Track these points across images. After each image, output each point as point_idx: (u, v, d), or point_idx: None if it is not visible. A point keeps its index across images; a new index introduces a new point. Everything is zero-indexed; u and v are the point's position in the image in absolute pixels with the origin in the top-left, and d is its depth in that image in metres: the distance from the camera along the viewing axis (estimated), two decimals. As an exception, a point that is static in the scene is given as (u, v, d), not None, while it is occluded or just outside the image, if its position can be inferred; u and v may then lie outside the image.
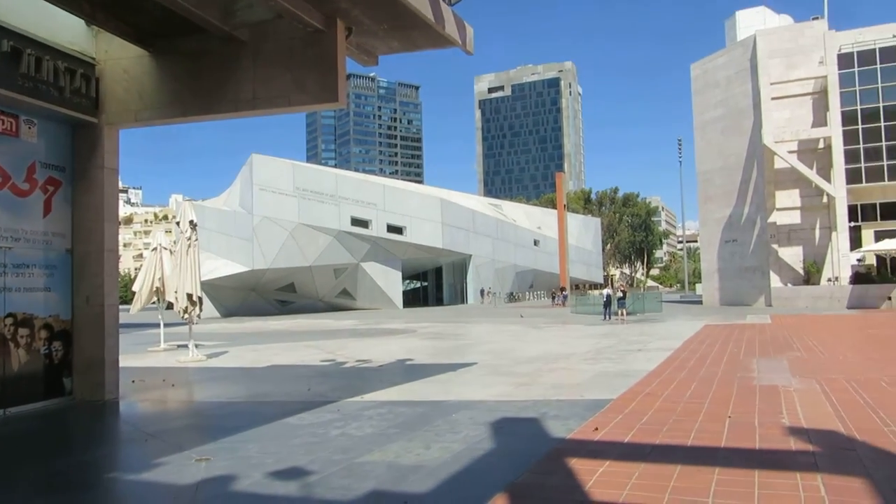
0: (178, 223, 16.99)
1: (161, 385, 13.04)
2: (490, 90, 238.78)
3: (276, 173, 45.47)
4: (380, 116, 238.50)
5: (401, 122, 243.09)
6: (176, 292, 16.67)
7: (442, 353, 17.67)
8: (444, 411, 9.21)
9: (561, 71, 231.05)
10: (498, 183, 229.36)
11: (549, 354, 16.60)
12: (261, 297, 47.88)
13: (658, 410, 8.71)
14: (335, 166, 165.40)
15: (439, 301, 65.04)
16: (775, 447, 6.72)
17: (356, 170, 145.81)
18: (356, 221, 49.34)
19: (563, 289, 55.49)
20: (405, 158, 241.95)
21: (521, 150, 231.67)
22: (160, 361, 17.07)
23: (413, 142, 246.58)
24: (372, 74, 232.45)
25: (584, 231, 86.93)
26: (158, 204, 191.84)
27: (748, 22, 45.69)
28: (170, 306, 18.24)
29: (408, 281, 67.20)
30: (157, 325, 20.81)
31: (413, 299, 64.98)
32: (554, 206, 71.95)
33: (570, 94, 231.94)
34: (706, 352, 15.79)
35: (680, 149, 78.84)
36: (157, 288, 19.22)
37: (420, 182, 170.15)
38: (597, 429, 7.65)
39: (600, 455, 6.55)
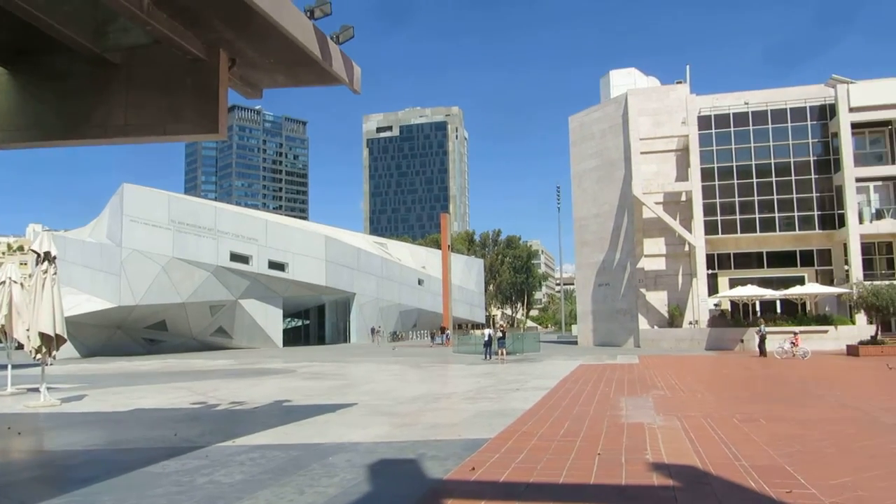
0: (38, 255, 15.57)
1: (5, 433, 11.77)
2: (378, 130, 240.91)
3: (149, 204, 43.08)
4: (265, 150, 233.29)
5: (286, 156, 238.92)
6: (28, 330, 15.23)
7: (321, 394, 17.21)
8: (320, 454, 8.93)
9: (448, 115, 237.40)
10: (384, 222, 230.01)
11: (430, 394, 16.60)
12: (127, 335, 44.73)
13: (533, 449, 8.90)
14: (216, 199, 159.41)
15: (321, 340, 63.60)
16: (640, 482, 7.03)
17: (238, 204, 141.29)
18: (236, 257, 47.56)
19: (443, 328, 55.96)
20: (290, 194, 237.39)
21: (407, 189, 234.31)
22: (5, 407, 15.46)
23: (298, 177, 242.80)
24: (258, 107, 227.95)
25: (468, 271, 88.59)
26: (13, 234, 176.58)
27: (621, 81, 49.15)
28: (20, 346, 16.60)
29: (289, 319, 65.27)
30: (3, 367, 18.86)
31: (294, 338, 63.12)
32: (439, 247, 73.00)
33: (457, 138, 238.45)
34: (580, 391, 16.39)
35: (558, 195, 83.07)
36: (0, 326, 17.31)
37: (305, 218, 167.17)
38: (474, 468, 7.69)
39: (476, 495, 6.57)
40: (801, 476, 7.13)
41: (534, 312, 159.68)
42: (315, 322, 66.22)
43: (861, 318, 35.36)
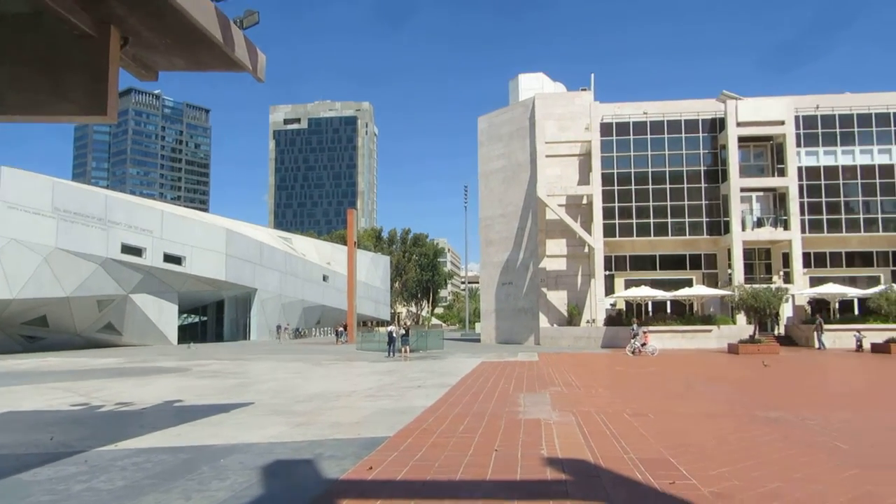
0: None
1: None
2: (286, 121, 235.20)
3: (30, 190, 39.94)
4: (163, 137, 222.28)
5: (187, 145, 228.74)
6: None
7: (216, 393, 16.57)
8: (211, 457, 8.57)
9: (358, 110, 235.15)
10: (290, 216, 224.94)
11: (331, 392, 16.34)
12: (2, 331, 41.42)
13: (432, 446, 8.91)
14: (107, 187, 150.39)
15: (219, 337, 61.39)
16: (534, 477, 7.18)
17: (133, 193, 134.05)
18: (128, 249, 45.02)
19: (345, 326, 55.39)
20: (190, 184, 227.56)
21: (314, 184, 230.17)
22: None
23: (199, 167, 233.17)
24: (157, 92, 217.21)
25: (374, 268, 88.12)
26: None
27: (529, 85, 50.34)
28: None
29: (185, 315, 62.65)
30: None
31: (190, 335, 60.60)
32: (345, 243, 72.13)
33: (367, 134, 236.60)
34: (480, 388, 16.61)
35: (466, 195, 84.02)
36: None
37: (205, 210, 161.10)
38: (371, 468, 7.61)
39: (372, 495, 6.50)
40: (683, 468, 7.51)
41: (439, 310, 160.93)
42: (213, 318, 63.90)
43: (741, 318, 37.90)
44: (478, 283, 71.20)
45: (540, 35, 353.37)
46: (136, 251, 45.76)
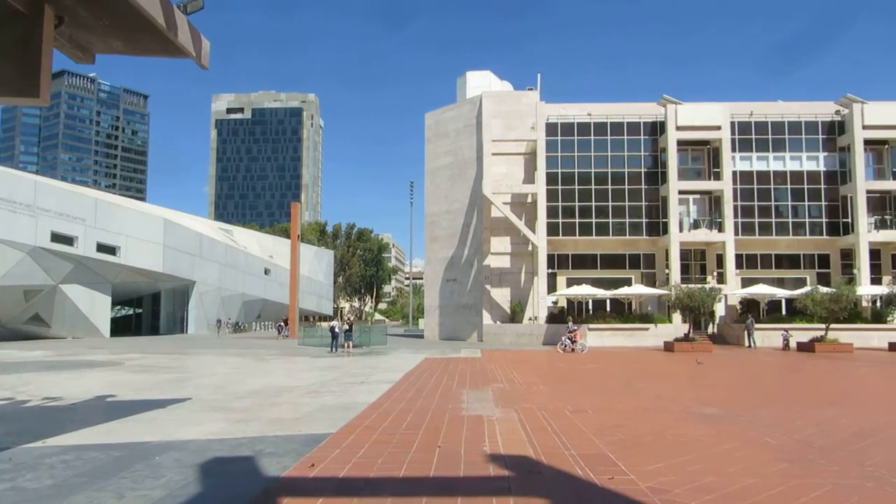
0: None
1: None
2: (229, 111, 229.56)
3: (-47, 173, 37.94)
4: (98, 122, 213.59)
5: (124, 131, 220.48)
6: None
7: (150, 388, 16.06)
8: (145, 454, 8.30)
9: (304, 102, 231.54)
10: (231, 207, 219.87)
11: (272, 388, 16.07)
12: (-82, 320, 39.20)
13: (375, 443, 8.86)
14: (37, 173, 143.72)
15: (155, 330, 59.60)
16: (477, 474, 7.22)
17: (64, 179, 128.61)
18: (58, 237, 43.16)
19: (285, 320, 54.60)
20: (126, 172, 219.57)
21: (257, 175, 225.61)
22: None
23: (137, 154, 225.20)
24: (92, 75, 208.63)
25: (318, 263, 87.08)
26: None
27: (477, 82, 50.61)
28: None
29: (118, 307, 60.52)
30: None
31: (123, 328, 58.64)
32: (288, 236, 71.00)
33: (312, 126, 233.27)
34: (424, 384, 16.62)
35: (412, 191, 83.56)
36: None
37: (142, 199, 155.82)
38: (313, 465, 7.51)
39: (314, 492, 6.42)
40: (622, 463, 7.69)
41: (382, 306, 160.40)
42: (149, 311, 61.99)
43: (677, 317, 39.07)
44: (422, 279, 71.25)
45: (489, 35, 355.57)
46: (67, 240, 43.93)
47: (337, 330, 32.18)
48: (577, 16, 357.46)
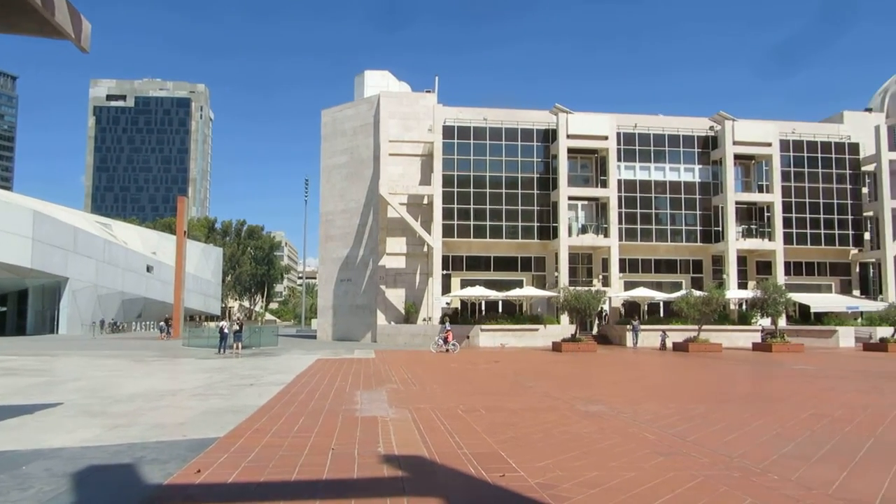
0: None
1: None
2: (109, 97, 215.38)
3: None
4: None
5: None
6: None
7: (16, 393, 14.82)
8: (10, 463, 7.65)
9: (193, 92, 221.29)
10: (110, 200, 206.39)
11: (154, 391, 15.26)
12: None
13: (265, 446, 8.61)
14: None
15: (21, 330, 55.01)
16: (371, 475, 7.18)
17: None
18: None
19: (167, 319, 52.02)
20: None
21: (140, 167, 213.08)
22: None
23: (3, 140, 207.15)
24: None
25: (205, 260, 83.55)
26: None
27: (375, 82, 50.34)
28: None
29: (-22, 305, 55.43)
30: None
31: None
32: (173, 231, 67.64)
33: (201, 118, 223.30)
34: (317, 385, 16.34)
35: (307, 188, 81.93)
36: None
37: (8, 189, 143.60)
38: (199, 471, 7.20)
39: (201, 499, 6.16)
40: (512, 460, 7.90)
41: (274, 305, 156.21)
42: (14, 309, 57.16)
43: (565, 318, 40.60)
44: (316, 278, 70.02)
45: (390, 37, 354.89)
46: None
47: (226, 330, 31.02)
48: (476, 24, 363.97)
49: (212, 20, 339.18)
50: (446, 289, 43.75)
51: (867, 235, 48.79)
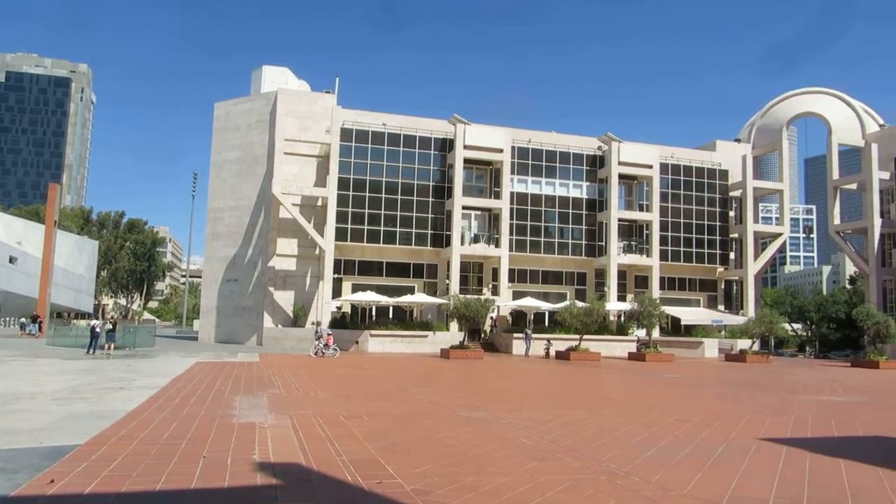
0: None
1: None
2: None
3: None
4: None
5: None
6: None
7: None
8: None
9: (74, 72, 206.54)
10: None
11: (9, 393, 14.06)
12: None
13: (131, 454, 8.15)
14: None
15: None
16: (243, 483, 6.96)
17: None
18: None
19: (36, 317, 48.15)
20: None
21: (8, 148, 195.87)
22: None
23: None
24: None
25: (78, 253, 77.92)
26: None
27: (273, 78, 48.96)
28: None
29: None
30: None
31: None
32: (42, 220, 62.69)
33: (82, 101, 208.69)
34: (193, 390, 15.65)
35: (195, 183, 77.69)
36: None
37: None
38: (52, 481, 6.70)
39: (51, 512, 5.73)
40: (391, 467, 7.90)
41: (153, 304, 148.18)
42: None
43: (454, 325, 41.13)
44: (201, 277, 67.00)
45: (286, 33, 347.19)
46: None
47: (98, 329, 29.07)
48: (381, 31, 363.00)
49: (100, 3, 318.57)
50: (337, 293, 43.20)
51: (732, 255, 52.82)
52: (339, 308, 43.58)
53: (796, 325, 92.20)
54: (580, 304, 38.65)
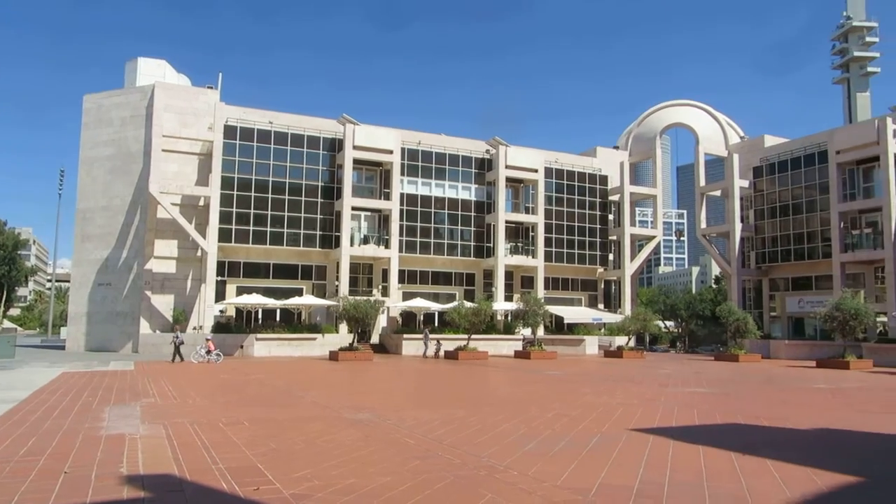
0: None
1: None
2: None
3: None
4: None
5: None
6: None
7: None
8: None
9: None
10: None
11: None
12: None
13: (-21, 474, 7.48)
14: None
15: None
16: (108, 498, 6.58)
17: None
18: None
19: None
20: None
21: None
22: None
23: None
24: None
25: (-77, 257, 70.35)
26: None
27: (149, 70, 46.33)
28: None
29: None
30: None
31: None
32: None
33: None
34: (57, 402, 14.57)
35: (61, 180, 71.96)
36: None
37: None
38: None
39: None
40: (270, 473, 7.73)
41: (15, 311, 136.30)
42: None
43: (344, 327, 40.71)
44: (69, 281, 62.34)
45: (163, 23, 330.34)
46: None
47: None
48: (266, 26, 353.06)
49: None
50: (221, 296, 41.57)
51: (611, 257, 55.64)
52: (222, 312, 41.96)
53: (669, 323, 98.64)
54: (469, 304, 39.38)
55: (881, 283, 44.26)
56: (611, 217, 55.65)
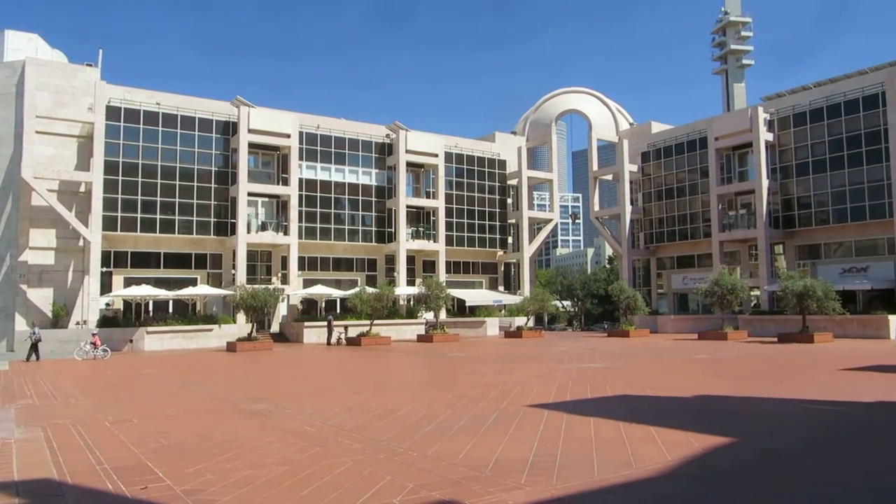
0: None
1: None
2: None
3: None
4: None
5: None
6: None
7: None
8: None
9: None
10: None
11: None
12: None
13: None
14: None
15: None
16: (-24, 508, 6.11)
17: None
18: None
19: None
20: None
21: None
22: None
23: None
24: None
25: None
26: None
27: (18, 45, 42.62)
28: None
29: None
30: None
31: None
32: None
33: None
34: (-83, 408, 13.33)
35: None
36: None
37: None
38: None
39: None
40: (160, 470, 7.42)
41: None
42: None
43: (242, 317, 39.47)
44: (-70, 276, 56.75)
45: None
46: None
47: None
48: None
49: None
50: (107, 288, 39.20)
51: (510, 239, 56.93)
52: (109, 305, 39.64)
53: (566, 302, 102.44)
54: (370, 289, 39.20)
55: (754, 259, 47.76)
56: (509, 201, 56.84)
